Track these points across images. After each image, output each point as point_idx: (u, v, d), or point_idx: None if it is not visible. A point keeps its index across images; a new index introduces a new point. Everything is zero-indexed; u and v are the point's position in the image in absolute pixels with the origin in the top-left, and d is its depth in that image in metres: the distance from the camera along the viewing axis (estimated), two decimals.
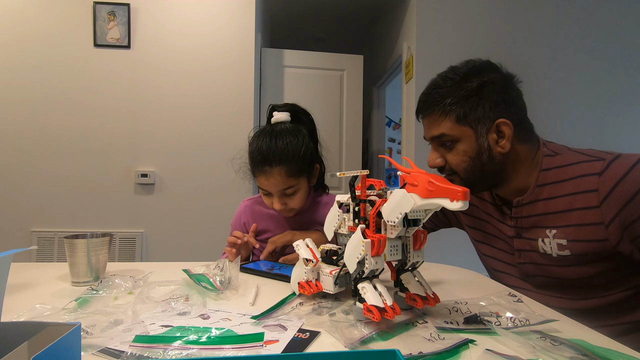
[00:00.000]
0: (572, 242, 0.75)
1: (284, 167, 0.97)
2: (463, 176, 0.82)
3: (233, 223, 1.19)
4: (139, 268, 0.94)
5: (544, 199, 0.79)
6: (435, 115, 0.82)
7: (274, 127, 1.03)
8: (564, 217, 0.76)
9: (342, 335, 0.52)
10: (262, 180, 1.00)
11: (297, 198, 1.02)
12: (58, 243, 2.36)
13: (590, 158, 0.76)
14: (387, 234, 0.60)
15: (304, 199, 1.05)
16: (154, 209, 2.45)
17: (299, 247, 0.72)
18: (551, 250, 0.78)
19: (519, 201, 0.82)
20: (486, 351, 0.49)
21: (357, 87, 3.11)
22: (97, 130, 2.41)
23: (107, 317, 0.58)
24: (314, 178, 1.09)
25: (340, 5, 3.43)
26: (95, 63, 2.40)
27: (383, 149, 3.88)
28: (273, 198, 1.02)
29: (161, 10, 2.44)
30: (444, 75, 0.84)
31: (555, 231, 0.77)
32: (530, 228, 0.82)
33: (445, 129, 0.80)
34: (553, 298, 0.81)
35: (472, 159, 0.80)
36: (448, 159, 0.82)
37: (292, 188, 1.00)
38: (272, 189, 1.00)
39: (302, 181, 1.02)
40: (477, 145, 0.79)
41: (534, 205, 0.81)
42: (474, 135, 0.79)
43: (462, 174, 0.81)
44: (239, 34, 2.50)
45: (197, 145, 2.47)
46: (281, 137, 0.99)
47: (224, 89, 2.49)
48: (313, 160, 1.05)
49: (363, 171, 0.63)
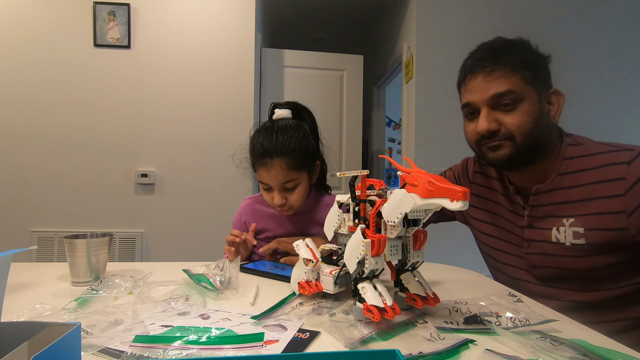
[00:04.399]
0: (590, 231, 0.75)
1: (285, 159, 0.96)
2: (521, 141, 0.77)
3: (234, 222, 1.19)
4: (139, 268, 0.94)
5: (564, 187, 0.79)
6: (503, 71, 0.78)
7: (276, 123, 1.02)
8: (583, 206, 0.76)
9: (342, 335, 0.52)
10: (263, 172, 0.99)
11: (297, 193, 1.01)
12: (58, 243, 2.36)
13: (616, 148, 0.77)
14: (387, 234, 0.60)
15: (304, 195, 1.04)
16: (154, 209, 2.45)
17: (299, 247, 0.72)
18: (565, 239, 0.78)
19: (538, 189, 0.81)
20: (486, 351, 0.49)
21: (357, 87, 3.11)
22: (97, 130, 2.41)
23: (107, 317, 0.58)
24: (315, 175, 1.08)
25: (340, 5, 3.43)
26: (95, 63, 2.40)
27: (383, 149, 3.88)
28: (273, 193, 1.00)
29: (161, 10, 2.44)
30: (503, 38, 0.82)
31: (573, 220, 0.77)
32: (545, 217, 0.81)
33: (514, 85, 0.77)
34: (557, 289, 0.81)
35: (534, 121, 0.77)
36: (506, 121, 0.78)
37: (292, 182, 0.99)
38: (272, 181, 0.99)
39: (303, 176, 1.01)
40: (539, 108, 0.78)
41: (552, 193, 0.80)
42: (537, 98, 0.78)
43: (521, 138, 0.77)
44: (239, 34, 2.50)
45: (197, 145, 2.47)
46: (282, 132, 0.99)
47: (224, 89, 2.49)
48: (314, 157, 1.05)
49: (363, 171, 0.62)
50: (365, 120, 3.60)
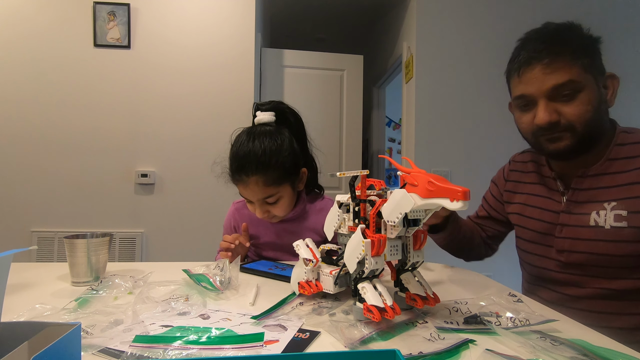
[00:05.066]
0: (633, 214, 0.74)
1: (261, 177, 0.92)
2: (582, 129, 0.76)
3: (225, 225, 1.17)
4: (139, 268, 0.94)
5: (611, 172, 0.79)
6: (562, 61, 0.75)
7: (254, 130, 0.98)
8: (629, 190, 0.76)
9: (342, 335, 0.52)
10: (241, 188, 0.97)
11: (279, 206, 0.97)
12: (58, 243, 2.36)
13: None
14: (387, 234, 0.60)
15: (289, 206, 1.00)
16: (154, 209, 2.45)
17: (299, 247, 0.72)
18: (605, 222, 0.77)
19: (584, 172, 0.81)
20: (486, 351, 0.49)
21: (357, 87, 3.11)
22: (97, 130, 2.41)
23: (107, 317, 0.58)
24: (300, 183, 1.03)
25: (340, 5, 3.43)
26: (95, 63, 2.40)
27: (383, 149, 3.88)
28: (254, 206, 0.98)
29: (161, 10, 2.44)
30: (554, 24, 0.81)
31: (616, 203, 0.76)
32: (586, 202, 0.80)
33: (575, 75, 0.75)
34: (581, 277, 0.80)
35: (595, 109, 0.76)
36: (566, 111, 0.76)
37: (272, 197, 0.95)
38: (251, 197, 0.96)
39: (284, 188, 0.97)
40: (598, 95, 0.77)
41: (599, 178, 0.79)
42: (596, 85, 0.76)
43: (583, 126, 0.76)
44: (239, 33, 2.50)
45: (197, 145, 2.47)
46: (260, 140, 0.93)
47: (224, 88, 2.49)
48: (297, 165, 0.99)
49: (363, 171, 0.63)
50: (365, 120, 3.60)
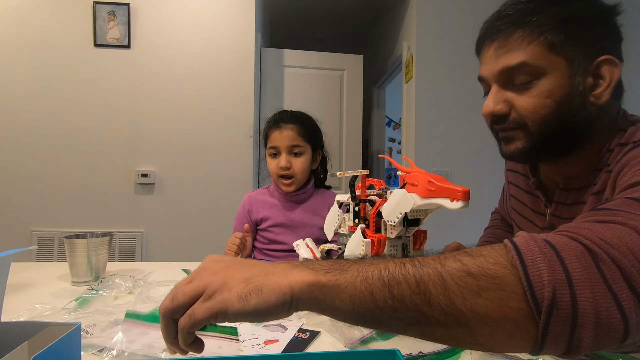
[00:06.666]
0: None
1: (296, 127, 1.13)
2: (535, 129, 0.60)
3: (237, 217, 1.23)
4: (139, 268, 0.94)
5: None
6: (516, 36, 0.59)
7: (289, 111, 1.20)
8: None
9: (342, 335, 0.52)
10: (275, 135, 1.13)
11: (300, 161, 1.12)
12: (58, 243, 2.36)
13: None
14: (387, 233, 0.60)
15: (307, 168, 1.15)
16: (154, 209, 2.45)
17: (299, 247, 0.72)
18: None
19: (569, 184, 0.65)
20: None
21: (357, 87, 3.11)
22: (97, 130, 2.41)
23: (107, 317, 0.58)
24: (316, 162, 1.20)
25: (340, 5, 3.43)
26: (95, 63, 2.40)
27: (383, 149, 3.88)
28: (279, 158, 1.11)
29: (161, 10, 2.44)
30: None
31: None
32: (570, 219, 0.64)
33: (530, 55, 0.58)
34: None
35: (558, 104, 0.58)
36: (518, 103, 0.60)
37: (299, 148, 1.13)
38: (282, 142, 1.11)
39: (308, 149, 1.15)
40: (569, 86, 0.57)
41: (587, 190, 0.62)
42: (568, 71, 0.57)
43: (536, 125, 0.59)
44: (239, 33, 2.50)
45: (197, 145, 2.47)
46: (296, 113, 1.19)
47: (224, 88, 2.49)
48: (320, 141, 1.20)
49: (363, 171, 0.63)
50: (365, 120, 3.60)
